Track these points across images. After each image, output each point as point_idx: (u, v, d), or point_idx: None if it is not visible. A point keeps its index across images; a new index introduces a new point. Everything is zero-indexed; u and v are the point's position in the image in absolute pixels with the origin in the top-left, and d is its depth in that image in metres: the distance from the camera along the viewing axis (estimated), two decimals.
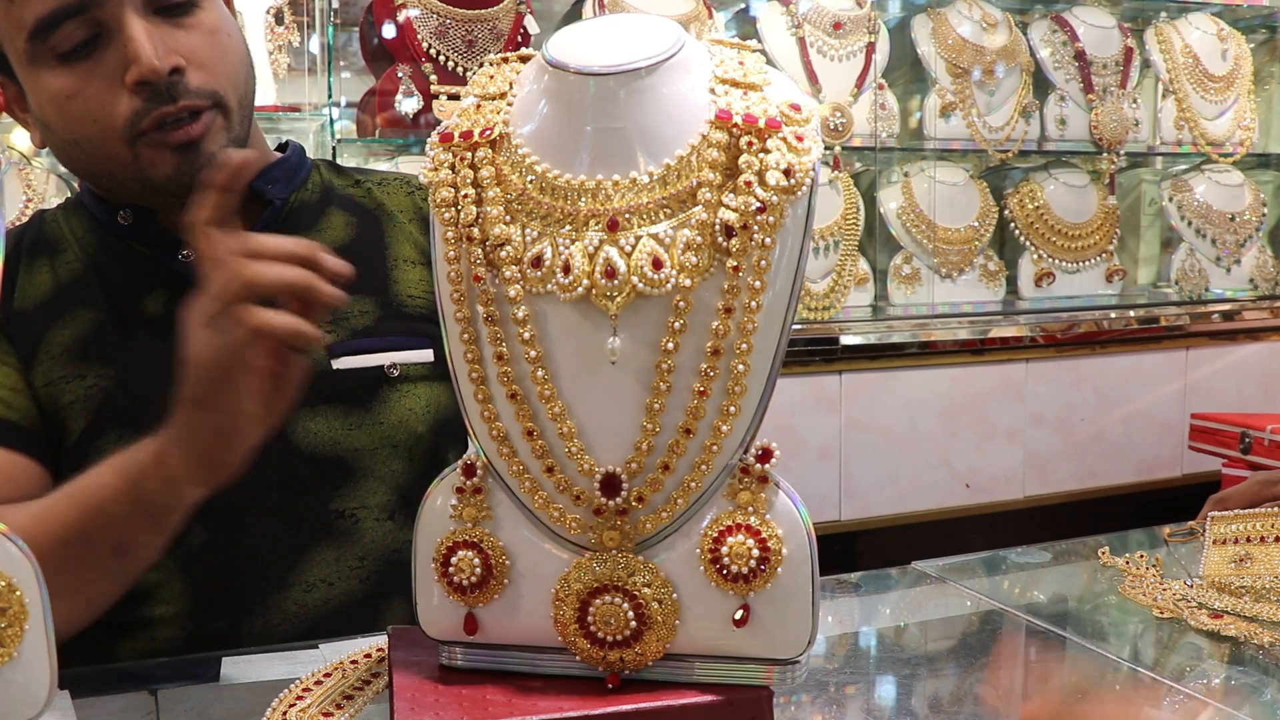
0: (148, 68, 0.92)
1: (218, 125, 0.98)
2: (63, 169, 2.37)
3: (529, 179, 0.66)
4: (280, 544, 1.01)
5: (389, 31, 2.40)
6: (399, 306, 1.08)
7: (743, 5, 2.92)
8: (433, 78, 2.39)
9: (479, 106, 0.69)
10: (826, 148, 2.76)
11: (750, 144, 0.64)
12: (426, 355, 1.07)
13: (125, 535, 0.86)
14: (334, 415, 1.03)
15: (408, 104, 2.37)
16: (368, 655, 0.85)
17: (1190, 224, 3.15)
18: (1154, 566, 1.12)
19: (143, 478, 0.83)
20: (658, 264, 0.63)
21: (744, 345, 0.64)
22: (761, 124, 0.64)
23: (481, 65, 0.74)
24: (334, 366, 1.03)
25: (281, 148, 1.16)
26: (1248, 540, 1.10)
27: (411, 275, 1.11)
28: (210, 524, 0.97)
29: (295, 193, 1.11)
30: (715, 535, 0.66)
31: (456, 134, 0.68)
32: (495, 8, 2.45)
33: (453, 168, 0.68)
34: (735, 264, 0.63)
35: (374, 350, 1.05)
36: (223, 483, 0.85)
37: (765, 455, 0.66)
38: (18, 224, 1.12)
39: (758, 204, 0.63)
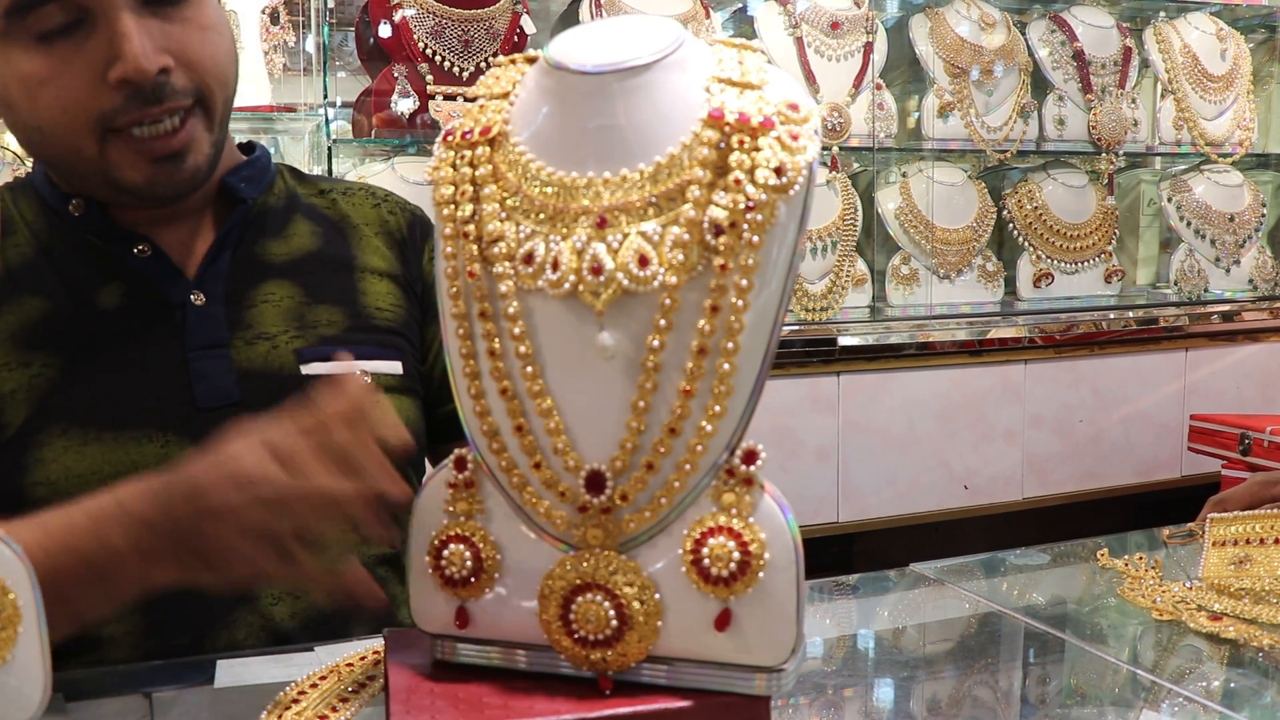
0: (134, 67, 0.86)
1: (201, 133, 0.94)
2: None
3: (525, 176, 0.66)
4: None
5: (385, 31, 2.40)
6: (367, 318, 1.05)
7: (740, 5, 2.92)
8: (429, 78, 2.38)
9: (482, 107, 0.70)
10: (824, 148, 2.76)
11: (741, 142, 0.63)
12: (395, 367, 1.04)
13: (63, 590, 0.76)
14: None
15: (404, 104, 2.36)
16: (364, 658, 0.85)
17: (1189, 224, 3.15)
18: (1153, 568, 1.11)
19: (81, 543, 0.76)
20: (644, 261, 0.63)
21: (730, 345, 0.63)
22: (755, 122, 0.63)
23: (479, 65, 0.74)
24: (303, 372, 0.99)
25: (247, 149, 1.10)
26: (1247, 542, 1.10)
27: (379, 288, 1.08)
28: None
29: (263, 195, 1.07)
30: (697, 536, 0.65)
31: (458, 133, 0.69)
32: (491, 7, 2.44)
33: (454, 166, 0.69)
34: (723, 263, 0.62)
35: (344, 358, 1.01)
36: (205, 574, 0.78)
37: (750, 457, 0.65)
38: None
39: (748, 202, 0.62)
